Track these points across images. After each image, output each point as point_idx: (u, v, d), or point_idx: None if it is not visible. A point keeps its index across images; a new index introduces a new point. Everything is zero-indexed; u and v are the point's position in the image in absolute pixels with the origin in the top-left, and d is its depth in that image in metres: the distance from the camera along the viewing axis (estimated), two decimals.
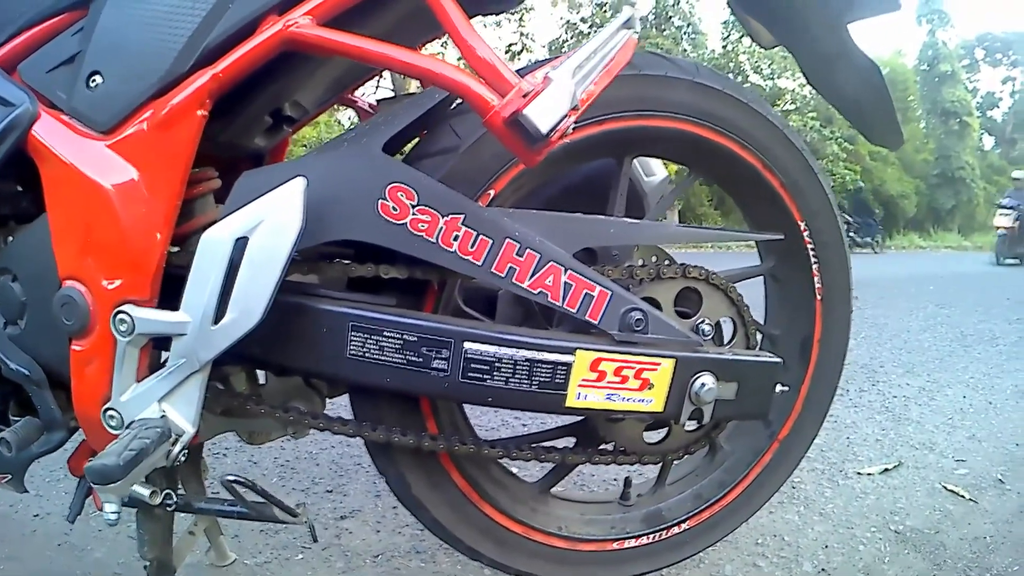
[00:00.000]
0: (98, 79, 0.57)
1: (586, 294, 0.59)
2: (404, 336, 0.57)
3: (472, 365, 0.58)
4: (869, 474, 1.27)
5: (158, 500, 0.62)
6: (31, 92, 0.57)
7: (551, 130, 0.46)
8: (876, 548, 0.98)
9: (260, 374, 0.71)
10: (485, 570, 0.74)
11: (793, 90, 14.59)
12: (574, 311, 0.59)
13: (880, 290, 4.73)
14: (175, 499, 0.63)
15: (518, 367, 0.58)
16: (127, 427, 0.57)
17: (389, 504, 1.06)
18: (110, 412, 0.58)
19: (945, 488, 1.21)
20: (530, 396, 0.59)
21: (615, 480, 1.17)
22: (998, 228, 9.44)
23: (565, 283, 0.59)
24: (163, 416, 0.58)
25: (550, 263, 0.58)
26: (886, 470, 1.29)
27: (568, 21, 12.90)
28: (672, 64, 0.69)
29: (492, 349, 0.58)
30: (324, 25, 0.55)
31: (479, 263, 0.57)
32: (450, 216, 0.56)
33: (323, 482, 1.14)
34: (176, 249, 0.62)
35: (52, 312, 0.57)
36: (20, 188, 0.62)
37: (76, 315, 0.57)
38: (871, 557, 0.95)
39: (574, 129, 0.65)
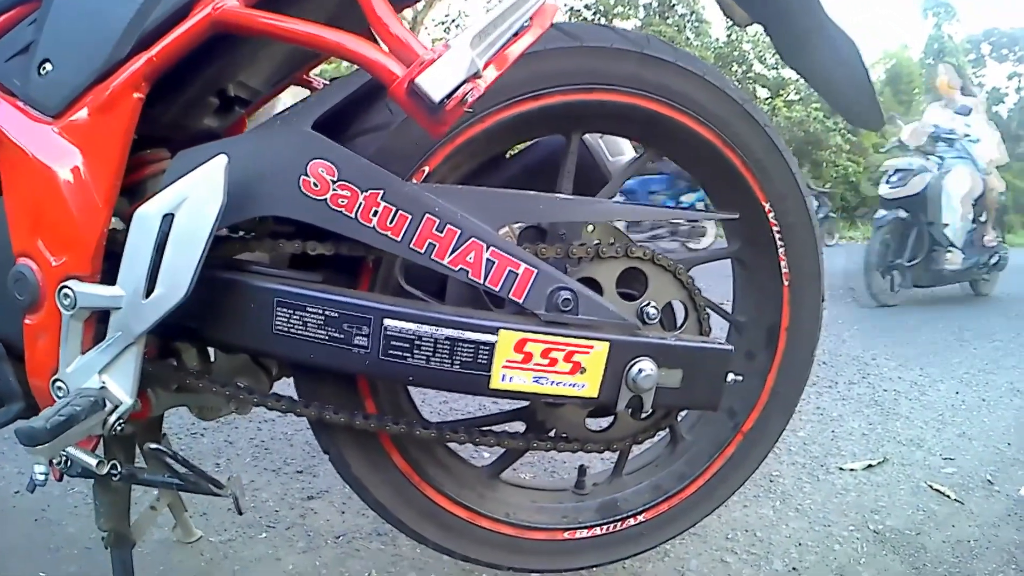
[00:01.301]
0: (48, 66, 0.60)
1: (509, 271, 0.58)
2: (326, 312, 0.57)
3: (392, 343, 0.57)
4: (852, 470, 1.21)
5: (104, 470, 0.64)
6: None
7: (445, 98, 0.46)
8: (852, 548, 0.92)
9: (212, 352, 0.73)
10: (444, 555, 0.74)
11: (797, 80, 13.95)
12: (496, 289, 0.58)
13: None
14: (120, 470, 0.66)
15: (439, 346, 0.57)
16: None
17: None
18: (58, 383, 0.61)
19: (930, 487, 1.14)
20: (452, 376, 0.58)
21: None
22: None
23: (487, 260, 0.57)
24: (102, 387, 0.60)
25: (471, 239, 0.57)
26: (870, 466, 1.23)
27: (572, 8, 12.59)
28: (619, 36, 0.67)
29: (412, 327, 0.57)
30: (255, 7, 0.56)
31: (398, 239, 0.56)
32: (369, 191, 0.56)
33: (295, 462, 1.16)
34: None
35: (7, 288, 0.60)
36: None
37: (27, 290, 0.60)
38: (846, 557, 0.90)
39: (510, 104, 0.64)
